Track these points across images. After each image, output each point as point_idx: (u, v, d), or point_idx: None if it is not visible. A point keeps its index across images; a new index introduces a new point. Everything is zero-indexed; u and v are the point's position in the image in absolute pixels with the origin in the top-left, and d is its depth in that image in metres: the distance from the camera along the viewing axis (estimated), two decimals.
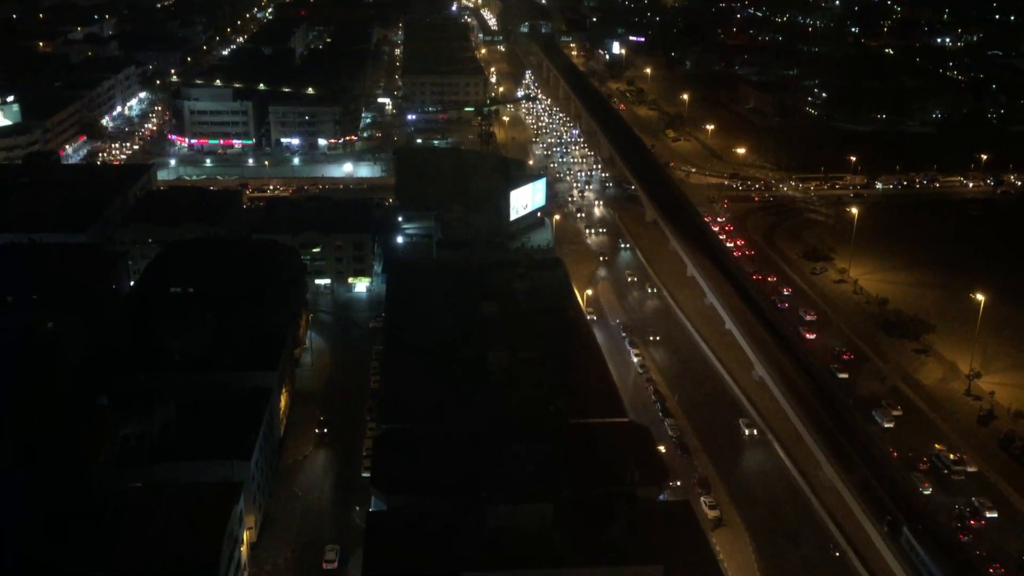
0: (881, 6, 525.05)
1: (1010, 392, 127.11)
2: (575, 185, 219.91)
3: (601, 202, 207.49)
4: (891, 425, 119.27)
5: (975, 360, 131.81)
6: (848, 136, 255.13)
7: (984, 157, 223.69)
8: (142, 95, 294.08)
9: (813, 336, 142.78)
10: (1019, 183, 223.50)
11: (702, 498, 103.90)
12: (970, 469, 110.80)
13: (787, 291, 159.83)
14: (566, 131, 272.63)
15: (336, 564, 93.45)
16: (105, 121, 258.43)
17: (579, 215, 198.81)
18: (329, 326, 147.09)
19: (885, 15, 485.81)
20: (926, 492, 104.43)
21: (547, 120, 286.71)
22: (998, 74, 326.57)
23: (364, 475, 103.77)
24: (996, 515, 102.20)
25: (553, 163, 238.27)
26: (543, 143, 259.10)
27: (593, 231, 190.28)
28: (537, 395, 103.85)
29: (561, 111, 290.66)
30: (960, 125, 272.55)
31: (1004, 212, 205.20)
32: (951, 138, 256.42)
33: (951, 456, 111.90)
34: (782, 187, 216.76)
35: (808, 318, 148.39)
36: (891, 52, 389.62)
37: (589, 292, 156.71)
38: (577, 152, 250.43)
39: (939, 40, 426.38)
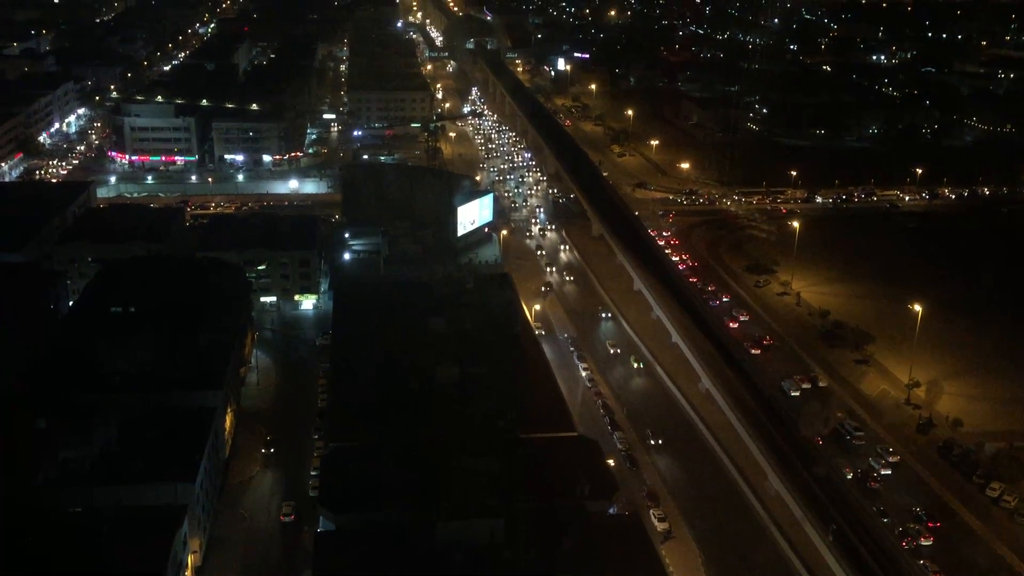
0: (818, 24, 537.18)
1: (948, 400, 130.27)
2: (534, 220, 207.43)
3: (568, 247, 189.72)
4: (797, 394, 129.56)
5: (914, 370, 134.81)
6: (788, 151, 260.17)
7: (919, 171, 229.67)
8: (81, 111, 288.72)
9: (736, 324, 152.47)
10: (953, 196, 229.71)
11: (651, 511, 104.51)
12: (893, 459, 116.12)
13: (726, 297, 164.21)
14: (517, 153, 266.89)
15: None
16: (42, 138, 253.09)
17: (539, 252, 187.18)
18: (275, 344, 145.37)
19: (822, 33, 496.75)
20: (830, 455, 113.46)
21: (496, 137, 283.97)
22: (932, 90, 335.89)
23: (312, 495, 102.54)
24: (889, 472, 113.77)
25: (507, 191, 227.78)
26: (494, 167, 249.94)
27: (555, 272, 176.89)
28: (486, 410, 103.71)
29: (508, 128, 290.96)
30: (896, 140, 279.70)
31: (938, 224, 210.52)
32: (887, 153, 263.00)
33: (853, 424, 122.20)
34: (726, 201, 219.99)
35: (741, 318, 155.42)
36: (828, 69, 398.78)
37: (537, 307, 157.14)
38: (531, 177, 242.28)
39: (874, 57, 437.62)
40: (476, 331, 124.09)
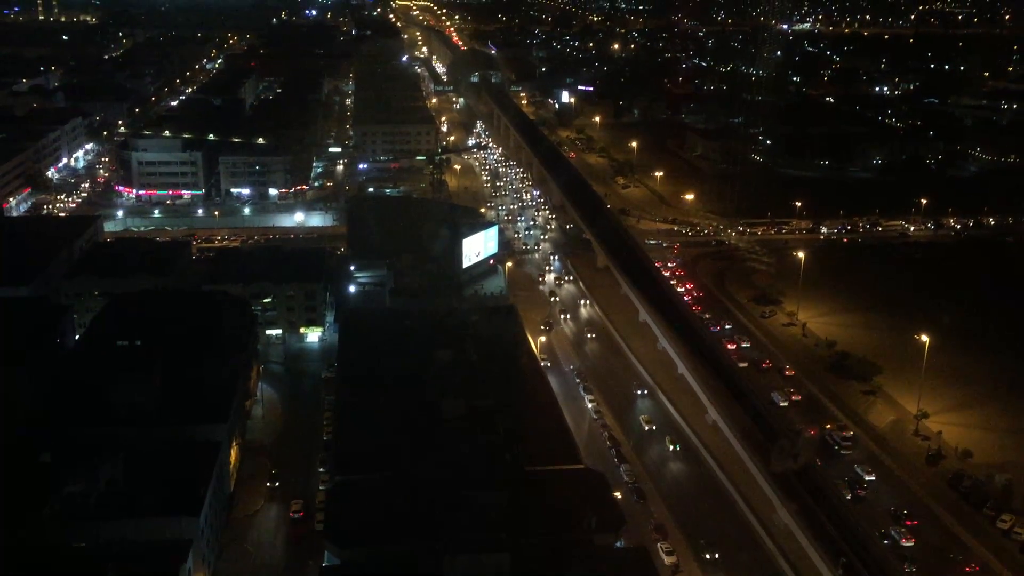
0: (821, 56, 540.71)
1: (957, 431, 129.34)
2: (549, 267, 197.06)
3: (590, 301, 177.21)
4: (786, 404, 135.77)
5: (922, 400, 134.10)
6: (792, 182, 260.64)
7: (924, 201, 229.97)
8: (89, 146, 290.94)
9: (733, 346, 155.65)
10: (958, 226, 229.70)
11: (659, 544, 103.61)
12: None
13: (728, 325, 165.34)
14: (525, 190, 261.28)
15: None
16: (51, 173, 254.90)
17: (553, 299, 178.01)
18: (280, 377, 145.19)
19: (825, 65, 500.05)
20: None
21: (502, 172, 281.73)
22: (934, 120, 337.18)
23: (318, 528, 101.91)
24: (873, 477, 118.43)
25: (516, 233, 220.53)
26: (502, 205, 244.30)
27: (570, 322, 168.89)
28: (492, 443, 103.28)
29: (514, 162, 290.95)
30: (900, 170, 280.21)
31: (943, 254, 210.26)
32: (892, 183, 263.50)
33: (841, 433, 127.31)
34: (731, 232, 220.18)
35: (743, 344, 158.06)
36: (831, 100, 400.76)
37: (543, 339, 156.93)
38: (541, 217, 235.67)
39: (877, 89, 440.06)
40: (482, 363, 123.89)
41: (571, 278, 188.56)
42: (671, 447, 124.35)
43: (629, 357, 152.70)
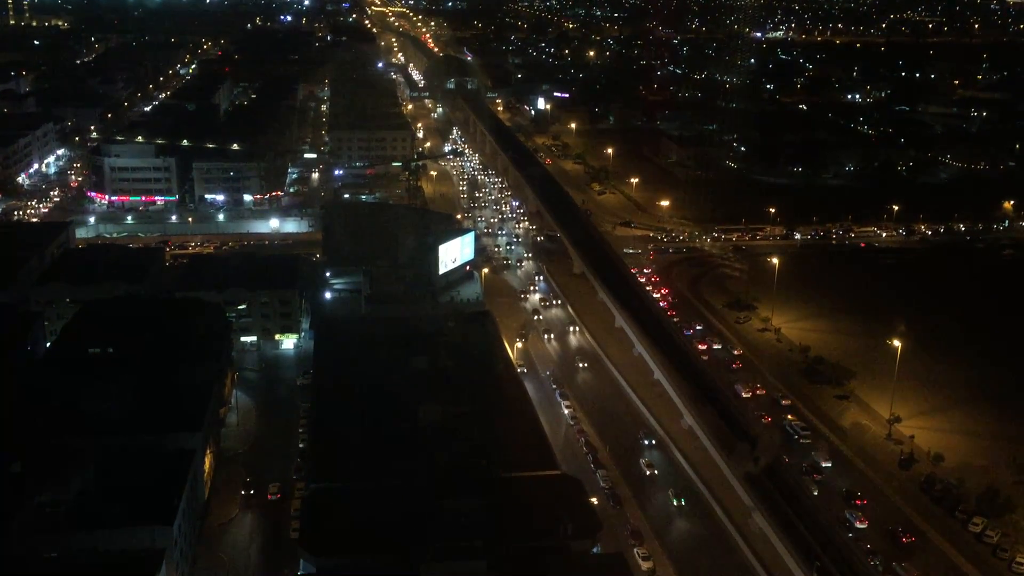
0: (794, 64, 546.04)
1: (929, 435, 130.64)
2: (534, 287, 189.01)
3: (579, 327, 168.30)
4: (748, 396, 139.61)
5: (894, 405, 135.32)
6: (766, 188, 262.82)
7: (896, 208, 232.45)
8: (61, 152, 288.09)
9: (706, 347, 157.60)
10: (929, 232, 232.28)
11: (635, 549, 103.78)
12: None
13: (699, 326, 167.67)
14: (504, 200, 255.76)
15: None
16: (21, 179, 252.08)
17: (537, 316, 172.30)
18: (255, 384, 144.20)
19: (797, 73, 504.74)
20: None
21: (480, 181, 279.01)
22: (906, 128, 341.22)
23: (293, 536, 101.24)
24: (830, 464, 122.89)
25: (496, 246, 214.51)
26: (481, 218, 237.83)
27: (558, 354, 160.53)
28: (469, 449, 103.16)
29: (491, 169, 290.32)
30: (872, 177, 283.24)
31: (915, 260, 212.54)
32: (864, 190, 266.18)
33: (800, 424, 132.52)
34: (705, 239, 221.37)
35: (714, 346, 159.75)
36: (804, 108, 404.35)
37: (519, 344, 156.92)
38: (521, 227, 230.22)
39: (849, 96, 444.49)
40: (458, 370, 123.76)
41: (559, 302, 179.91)
42: (647, 469, 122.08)
43: (605, 363, 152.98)
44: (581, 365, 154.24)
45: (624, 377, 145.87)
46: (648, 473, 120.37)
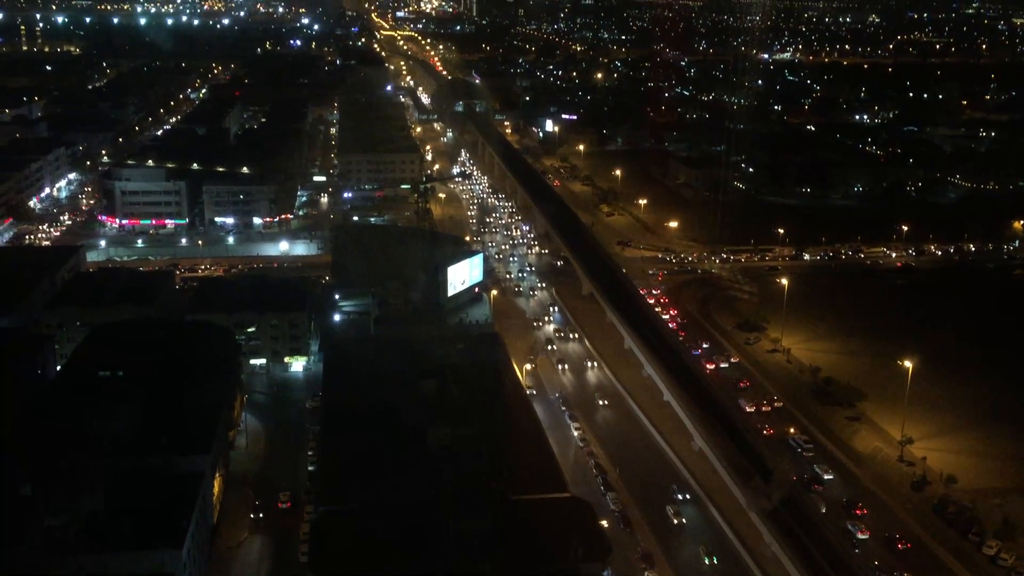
0: (801, 85, 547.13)
1: (941, 457, 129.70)
2: (548, 318, 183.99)
3: (590, 352, 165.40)
4: (752, 409, 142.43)
5: (906, 426, 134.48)
6: (775, 209, 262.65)
7: (905, 228, 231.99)
8: (72, 176, 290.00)
9: (713, 366, 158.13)
10: (939, 253, 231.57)
11: (646, 573, 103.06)
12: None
13: (706, 344, 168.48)
14: (515, 225, 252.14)
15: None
16: (33, 203, 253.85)
17: (560, 366, 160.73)
18: (264, 407, 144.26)
19: (805, 94, 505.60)
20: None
21: (489, 204, 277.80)
22: (914, 148, 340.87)
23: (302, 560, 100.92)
24: (832, 476, 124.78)
25: (508, 271, 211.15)
26: (492, 243, 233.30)
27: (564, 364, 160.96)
28: (478, 472, 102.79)
29: (500, 192, 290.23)
30: (881, 197, 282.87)
31: (926, 281, 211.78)
32: (873, 210, 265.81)
33: (803, 438, 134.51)
34: (714, 259, 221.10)
35: (721, 364, 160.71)
36: (812, 129, 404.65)
37: (528, 366, 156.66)
38: (533, 254, 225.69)
39: (857, 117, 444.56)
40: (467, 391, 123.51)
41: (575, 335, 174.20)
42: (675, 519, 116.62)
43: (615, 385, 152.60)
44: (591, 387, 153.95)
45: (634, 399, 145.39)
46: (676, 522, 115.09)
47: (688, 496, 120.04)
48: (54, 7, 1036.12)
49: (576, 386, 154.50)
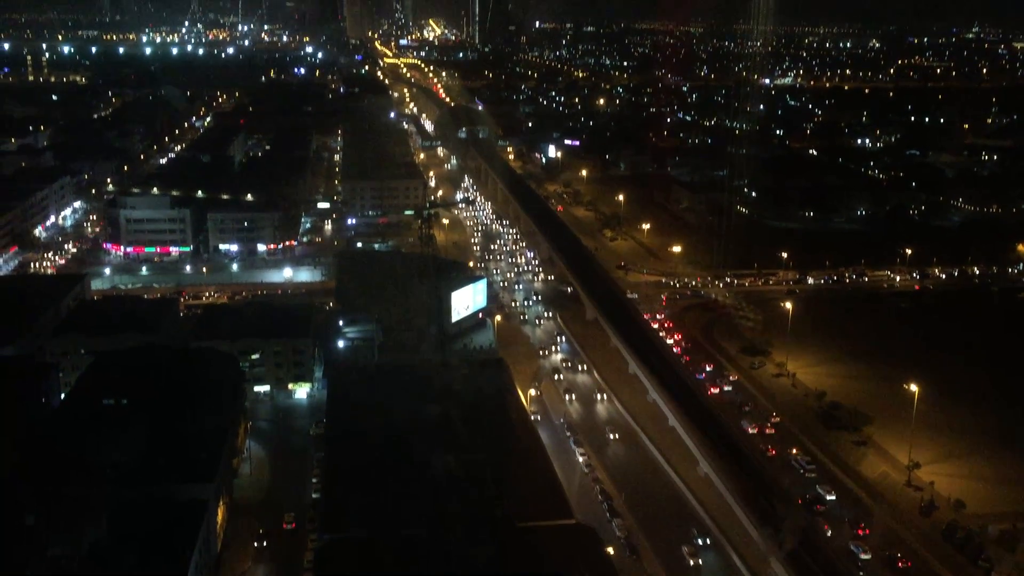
0: (803, 110, 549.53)
1: (949, 482, 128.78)
2: (556, 348, 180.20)
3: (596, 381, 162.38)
4: (754, 431, 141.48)
5: (913, 451, 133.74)
6: (778, 233, 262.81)
7: (909, 251, 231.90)
8: (77, 204, 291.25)
9: (717, 390, 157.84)
10: (944, 276, 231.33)
11: None
12: None
13: (709, 367, 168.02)
14: (519, 252, 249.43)
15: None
16: (38, 231, 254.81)
17: (568, 398, 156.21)
18: (268, 434, 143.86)
19: (807, 118, 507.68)
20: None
21: (493, 230, 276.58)
22: (917, 172, 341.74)
23: None
24: (834, 497, 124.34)
25: (513, 301, 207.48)
26: (497, 270, 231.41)
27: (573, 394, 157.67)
28: (482, 498, 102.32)
29: (504, 218, 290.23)
30: (884, 221, 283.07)
31: (930, 304, 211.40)
32: (877, 234, 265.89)
33: (806, 459, 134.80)
34: (718, 284, 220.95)
35: (725, 387, 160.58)
36: (814, 153, 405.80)
37: (532, 392, 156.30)
38: (539, 281, 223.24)
39: (859, 141, 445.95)
40: (471, 418, 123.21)
41: (584, 367, 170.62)
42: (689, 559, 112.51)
43: (620, 410, 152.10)
44: (596, 414, 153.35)
45: (639, 425, 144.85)
46: (691, 563, 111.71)
47: (702, 536, 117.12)
48: (60, 37, 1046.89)
49: (580, 412, 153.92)
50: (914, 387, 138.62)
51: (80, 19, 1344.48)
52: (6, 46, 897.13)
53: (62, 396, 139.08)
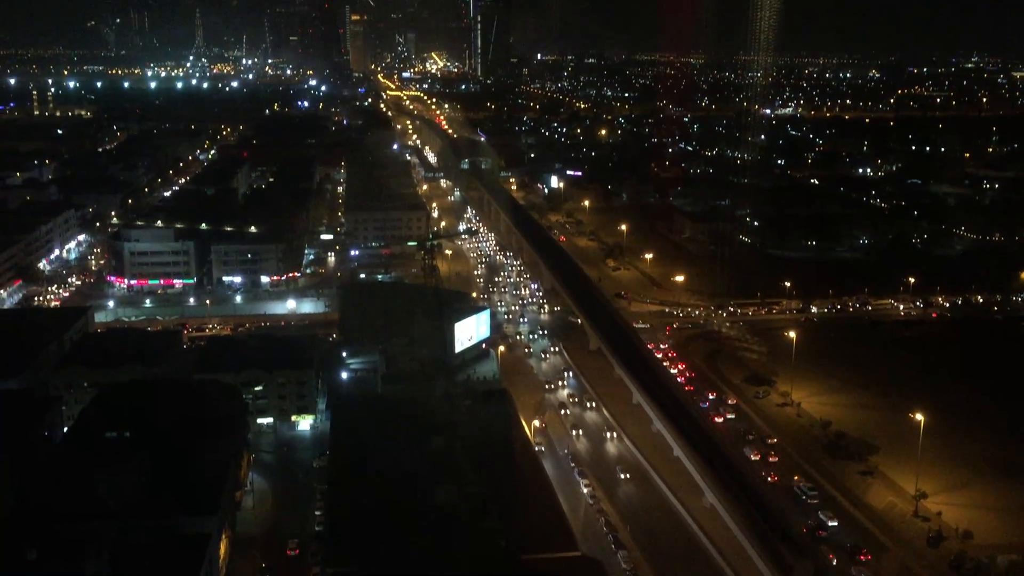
0: (804, 140, 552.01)
1: (956, 512, 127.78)
2: (562, 382, 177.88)
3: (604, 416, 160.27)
4: (757, 458, 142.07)
5: (920, 480, 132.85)
6: (780, 262, 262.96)
7: (912, 280, 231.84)
8: (81, 238, 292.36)
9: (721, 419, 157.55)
10: (947, 304, 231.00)
11: None
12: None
13: (712, 395, 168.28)
14: (523, 284, 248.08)
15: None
16: (42, 264, 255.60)
17: (575, 432, 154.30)
18: (272, 466, 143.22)
19: (808, 148, 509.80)
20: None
21: (496, 261, 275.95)
22: (918, 201, 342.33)
23: None
24: (836, 523, 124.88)
25: (519, 334, 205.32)
26: (501, 302, 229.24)
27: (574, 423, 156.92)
28: (487, 530, 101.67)
29: (504, 246, 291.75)
30: (886, 250, 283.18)
31: (934, 332, 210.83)
32: (879, 262, 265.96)
33: (808, 486, 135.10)
34: (721, 313, 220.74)
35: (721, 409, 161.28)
36: (815, 182, 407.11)
37: (536, 422, 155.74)
38: (544, 312, 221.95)
39: (860, 170, 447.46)
40: (475, 449, 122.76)
41: (593, 405, 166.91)
42: None
43: (624, 440, 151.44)
44: (602, 447, 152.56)
45: (644, 456, 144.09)
46: None
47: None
48: (66, 72, 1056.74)
49: (585, 443, 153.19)
50: (920, 416, 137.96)
51: (86, 54, 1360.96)
52: (12, 81, 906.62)
53: (65, 429, 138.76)
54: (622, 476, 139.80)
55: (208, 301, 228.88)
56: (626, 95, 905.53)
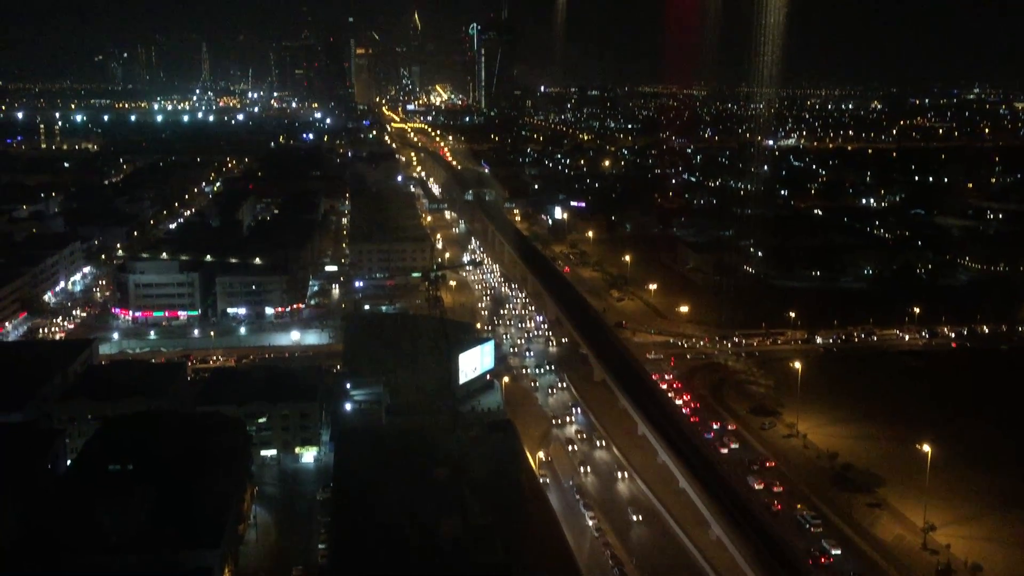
0: (807, 170, 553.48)
1: (965, 544, 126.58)
2: (570, 418, 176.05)
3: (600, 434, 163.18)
4: (760, 487, 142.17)
5: (928, 512, 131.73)
6: (785, 293, 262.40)
7: (917, 310, 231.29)
8: (87, 270, 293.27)
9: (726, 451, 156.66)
10: (952, 335, 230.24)
11: None
12: None
13: (716, 424, 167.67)
14: (529, 316, 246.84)
15: None
16: (47, 296, 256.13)
17: (571, 446, 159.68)
18: (275, 499, 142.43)
19: (811, 178, 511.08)
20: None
21: (500, 294, 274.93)
22: (922, 231, 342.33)
23: None
24: (839, 551, 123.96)
25: (525, 368, 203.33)
26: (507, 335, 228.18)
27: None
28: (491, 564, 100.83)
29: (509, 278, 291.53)
30: (891, 280, 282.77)
31: (940, 363, 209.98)
32: (883, 293, 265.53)
33: (811, 514, 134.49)
34: (726, 344, 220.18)
35: (732, 446, 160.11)
36: (819, 212, 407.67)
37: (541, 455, 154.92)
38: (552, 346, 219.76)
39: (863, 201, 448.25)
40: (480, 481, 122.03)
41: (602, 444, 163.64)
42: None
43: (630, 472, 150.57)
44: (608, 479, 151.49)
45: (651, 489, 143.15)
46: None
47: None
48: (73, 106, 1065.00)
49: (590, 474, 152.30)
50: (927, 447, 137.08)
51: (93, 88, 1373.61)
52: (20, 115, 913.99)
53: (68, 462, 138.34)
54: (634, 518, 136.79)
55: (212, 333, 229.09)
56: (629, 127, 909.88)
